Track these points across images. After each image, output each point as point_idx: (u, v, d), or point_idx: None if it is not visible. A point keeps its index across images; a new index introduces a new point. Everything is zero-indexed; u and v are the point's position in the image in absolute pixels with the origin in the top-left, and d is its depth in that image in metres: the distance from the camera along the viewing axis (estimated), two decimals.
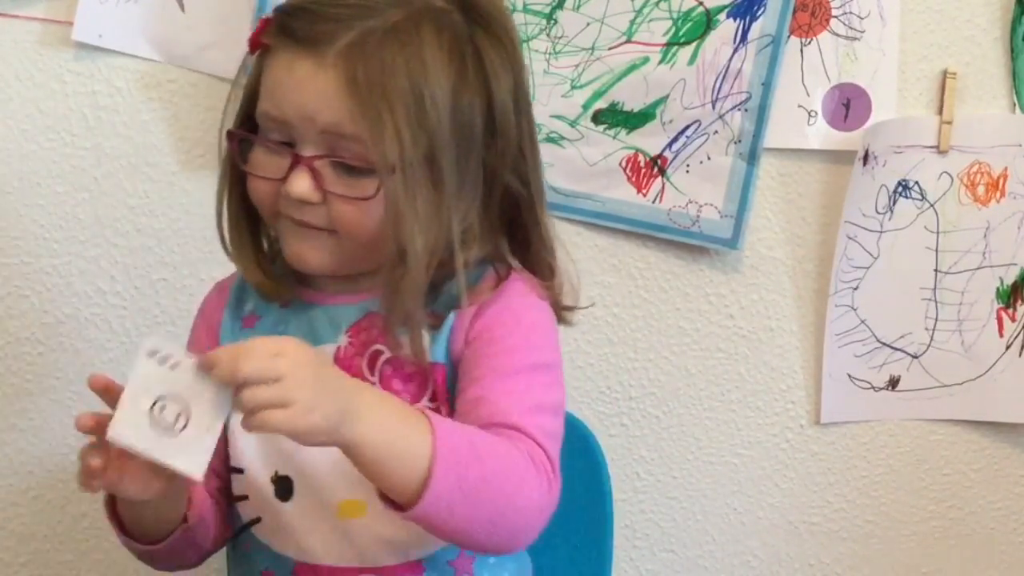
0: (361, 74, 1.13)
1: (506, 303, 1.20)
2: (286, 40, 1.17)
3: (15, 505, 1.71)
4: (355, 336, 1.22)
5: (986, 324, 1.76)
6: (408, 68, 1.14)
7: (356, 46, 1.14)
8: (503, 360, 1.17)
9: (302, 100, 1.15)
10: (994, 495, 1.83)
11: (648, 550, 1.80)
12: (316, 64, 1.14)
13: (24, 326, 1.67)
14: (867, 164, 1.69)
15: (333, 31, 1.15)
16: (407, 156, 1.13)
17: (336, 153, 1.15)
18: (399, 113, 1.13)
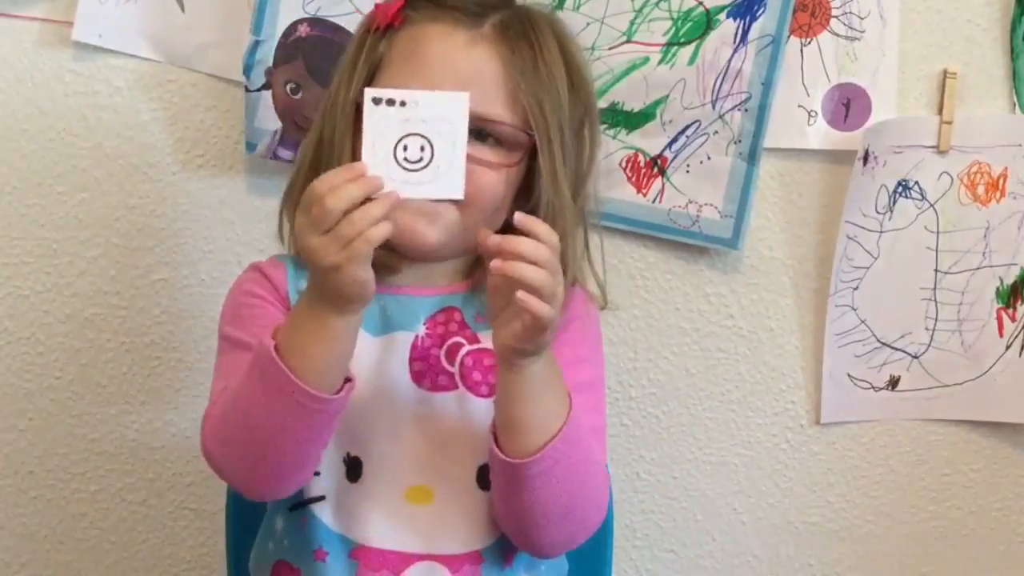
0: (513, 49, 1.22)
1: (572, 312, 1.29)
2: (438, 12, 1.23)
3: (15, 505, 1.71)
4: (432, 328, 1.26)
5: (986, 324, 1.76)
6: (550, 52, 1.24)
7: (511, 22, 1.24)
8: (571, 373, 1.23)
9: (458, 74, 1.20)
10: (994, 495, 1.83)
11: (648, 550, 1.80)
12: (471, 36, 1.22)
13: (24, 326, 1.67)
14: (867, 164, 1.69)
15: (482, 10, 1.24)
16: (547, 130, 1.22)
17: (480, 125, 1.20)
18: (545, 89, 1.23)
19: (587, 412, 1.23)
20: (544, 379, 1.15)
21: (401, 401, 1.24)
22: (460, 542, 1.24)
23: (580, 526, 1.22)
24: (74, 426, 1.70)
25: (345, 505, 1.24)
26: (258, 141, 1.60)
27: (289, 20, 1.59)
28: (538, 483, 1.15)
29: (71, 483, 1.72)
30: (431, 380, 1.25)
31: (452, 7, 1.23)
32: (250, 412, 1.13)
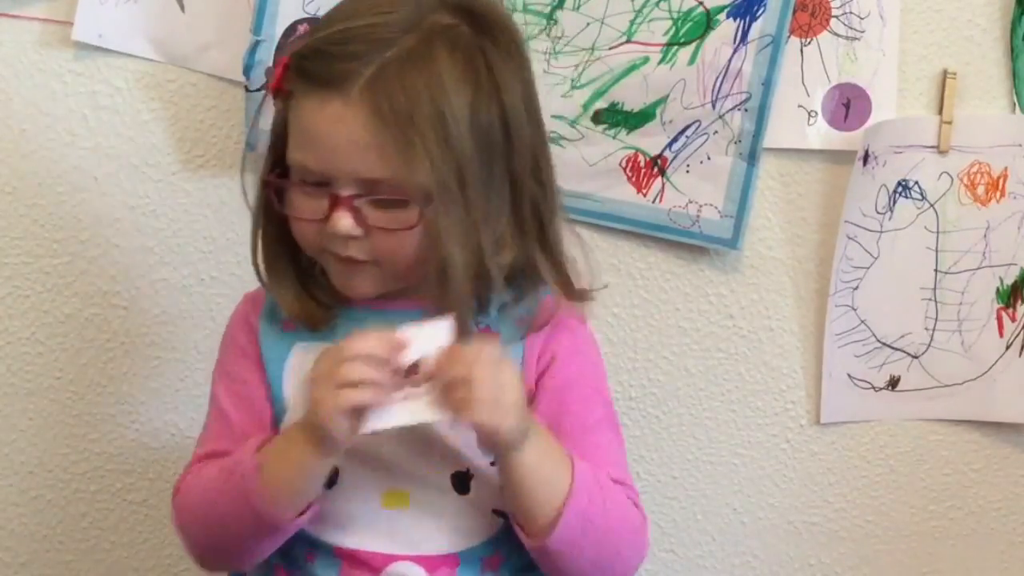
0: (387, 106, 1.15)
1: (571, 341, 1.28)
2: (310, 84, 1.19)
3: (15, 505, 1.71)
4: None
5: (986, 324, 1.76)
6: (430, 92, 1.16)
7: (378, 80, 1.16)
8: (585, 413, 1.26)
9: (334, 148, 1.17)
10: (994, 495, 1.83)
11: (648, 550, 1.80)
12: (343, 104, 1.16)
13: (24, 326, 1.67)
14: (867, 164, 1.69)
15: (354, 68, 1.16)
16: (441, 180, 1.16)
17: (373, 191, 1.18)
18: (429, 139, 1.15)
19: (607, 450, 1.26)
20: (534, 462, 1.17)
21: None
22: (436, 544, 1.25)
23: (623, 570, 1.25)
24: (74, 426, 1.70)
25: (326, 510, 1.24)
26: (258, 141, 1.60)
27: (289, 20, 1.59)
28: (567, 550, 1.19)
29: (71, 483, 1.72)
30: None
31: (318, 79, 1.18)
32: (216, 509, 1.22)
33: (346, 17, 1.21)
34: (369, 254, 1.20)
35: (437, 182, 1.16)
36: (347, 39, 1.18)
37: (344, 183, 1.18)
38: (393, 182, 1.17)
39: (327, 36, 1.20)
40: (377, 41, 1.17)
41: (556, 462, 1.19)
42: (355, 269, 1.22)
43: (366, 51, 1.17)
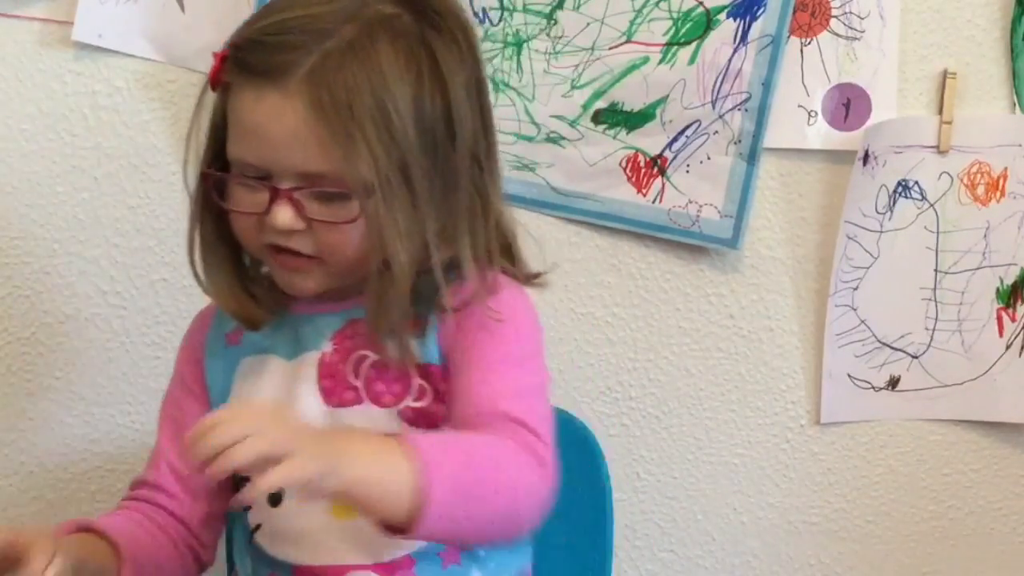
0: (327, 98, 1.13)
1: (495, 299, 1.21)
2: (247, 76, 1.16)
3: (15, 505, 1.71)
4: (339, 343, 1.23)
5: (986, 324, 1.76)
6: (371, 84, 1.13)
7: (317, 71, 1.13)
8: (489, 351, 1.19)
9: (273, 141, 1.14)
10: (994, 495, 1.83)
11: (648, 550, 1.80)
12: (282, 96, 1.13)
13: (24, 326, 1.67)
14: (867, 164, 1.69)
15: (292, 60, 1.14)
16: (383, 173, 1.13)
17: (314, 184, 1.15)
18: (369, 132, 1.13)
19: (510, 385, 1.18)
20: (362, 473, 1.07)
21: (312, 422, 1.21)
22: (390, 549, 1.21)
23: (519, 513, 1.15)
24: (74, 426, 1.70)
25: (276, 530, 1.23)
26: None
27: None
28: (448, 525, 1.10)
29: (71, 483, 1.72)
30: (338, 396, 1.22)
31: (256, 70, 1.15)
32: None
33: (285, 7, 1.18)
34: (311, 248, 1.18)
35: (378, 175, 1.13)
36: (285, 29, 1.15)
37: (284, 176, 1.16)
38: (333, 175, 1.14)
39: (265, 26, 1.17)
40: (316, 31, 1.15)
41: (393, 460, 1.07)
42: (297, 265, 1.19)
43: (305, 41, 1.14)
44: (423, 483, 1.07)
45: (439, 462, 1.09)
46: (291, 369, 1.25)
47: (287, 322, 1.26)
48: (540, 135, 1.68)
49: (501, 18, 1.66)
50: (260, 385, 1.26)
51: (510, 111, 1.67)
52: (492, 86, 1.65)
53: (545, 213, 1.70)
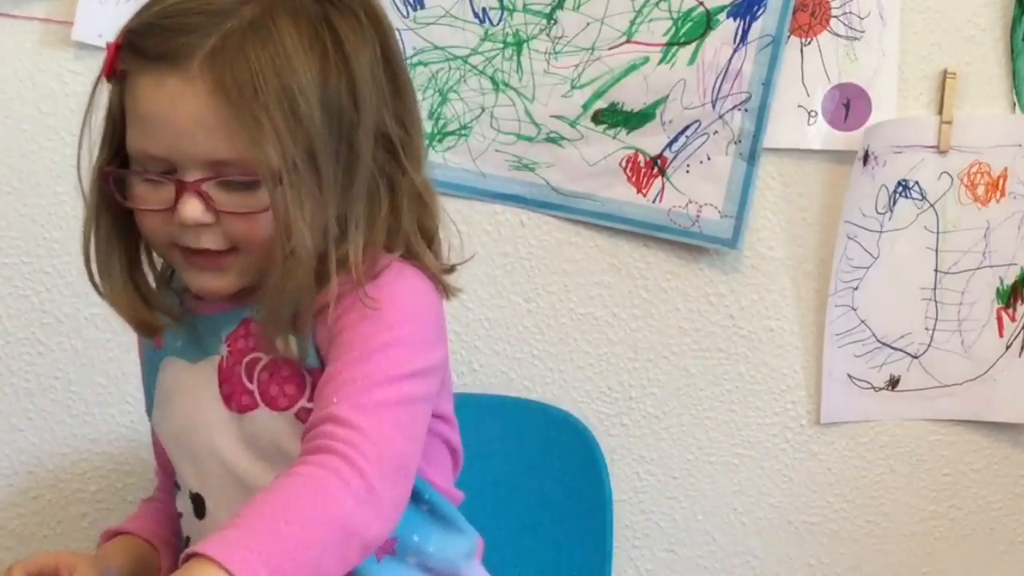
0: (230, 80, 1.08)
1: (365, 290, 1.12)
2: (144, 62, 1.11)
3: (15, 505, 1.71)
4: (233, 345, 1.19)
5: (986, 324, 1.76)
6: (275, 65, 1.09)
7: (218, 52, 1.08)
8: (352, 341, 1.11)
9: (176, 129, 1.09)
10: (994, 495, 1.83)
11: (648, 550, 1.80)
12: (182, 80, 1.09)
13: (24, 326, 1.67)
14: (867, 164, 1.69)
15: (192, 42, 1.09)
16: (290, 158, 1.08)
17: (221, 173, 1.10)
18: (275, 115, 1.08)
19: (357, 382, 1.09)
20: None
21: (218, 429, 1.18)
22: None
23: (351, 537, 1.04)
24: (74, 426, 1.70)
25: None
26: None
27: None
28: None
29: (71, 483, 1.72)
30: (237, 402, 1.18)
31: (154, 55, 1.10)
32: None
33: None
34: (223, 243, 1.13)
35: (285, 160, 1.08)
36: (182, 11, 1.11)
37: (189, 167, 1.10)
38: (241, 162, 1.09)
39: (160, 10, 1.12)
40: (215, 13, 1.10)
41: None
42: (209, 263, 1.14)
43: (204, 23, 1.09)
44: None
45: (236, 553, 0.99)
46: (196, 373, 1.21)
47: (192, 324, 1.22)
48: (540, 135, 1.68)
49: (501, 18, 1.66)
50: (172, 391, 1.23)
51: (510, 111, 1.67)
52: (492, 86, 1.66)
53: (545, 213, 1.71)
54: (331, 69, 1.11)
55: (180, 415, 1.22)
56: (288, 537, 1.00)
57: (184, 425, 1.21)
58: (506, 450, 1.61)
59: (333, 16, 1.13)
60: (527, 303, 1.72)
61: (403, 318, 1.13)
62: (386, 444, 1.06)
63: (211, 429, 1.19)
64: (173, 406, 1.23)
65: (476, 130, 1.68)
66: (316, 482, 1.03)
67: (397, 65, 1.17)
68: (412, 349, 1.12)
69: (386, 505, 1.06)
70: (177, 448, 1.23)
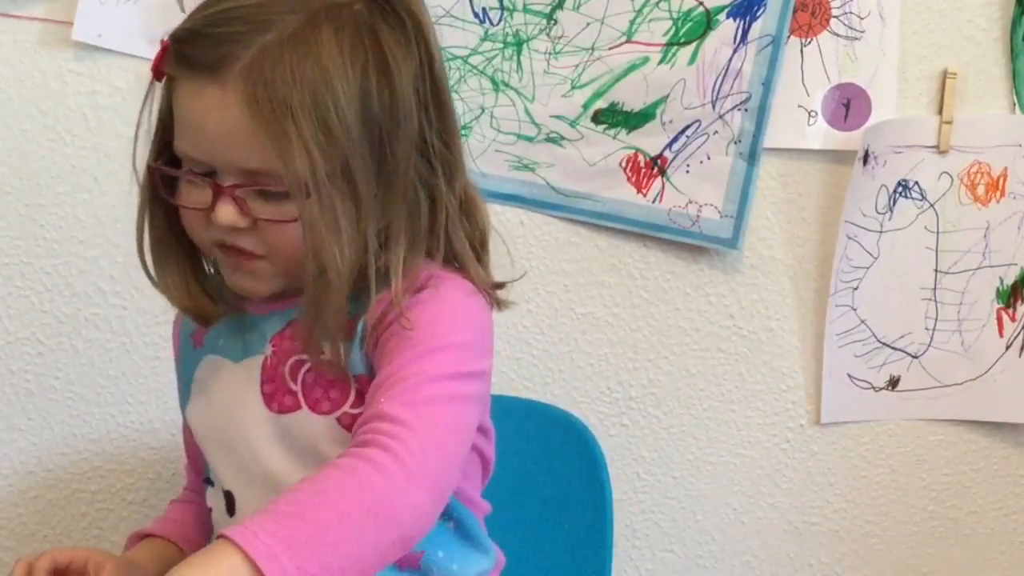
0: (263, 94, 1.08)
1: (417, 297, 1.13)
2: (186, 70, 1.12)
3: (15, 505, 1.71)
4: (278, 345, 1.20)
5: (986, 324, 1.76)
6: (310, 78, 1.08)
7: (255, 64, 1.09)
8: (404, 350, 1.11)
9: (212, 137, 1.11)
10: (994, 495, 1.83)
11: (648, 550, 1.80)
12: (219, 90, 1.09)
13: (24, 326, 1.67)
14: (867, 164, 1.69)
15: (232, 53, 1.09)
16: (319, 174, 1.08)
17: (256, 182, 1.12)
18: (305, 129, 1.08)
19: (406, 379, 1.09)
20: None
21: (256, 428, 1.19)
22: None
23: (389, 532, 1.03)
24: (74, 426, 1.70)
25: None
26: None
27: None
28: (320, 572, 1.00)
29: (71, 483, 1.72)
30: (279, 402, 1.19)
31: (195, 62, 1.11)
32: None
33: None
34: (258, 247, 1.14)
35: (314, 175, 1.08)
36: (227, 20, 1.11)
37: (226, 172, 1.12)
38: (272, 173, 1.10)
39: (206, 17, 1.13)
40: (258, 22, 1.10)
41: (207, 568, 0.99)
42: (244, 264, 1.16)
43: (245, 33, 1.09)
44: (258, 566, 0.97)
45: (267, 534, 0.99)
46: (238, 372, 1.22)
47: (237, 323, 1.23)
48: (540, 135, 1.68)
49: (501, 18, 1.66)
50: (211, 388, 1.24)
51: (510, 111, 1.67)
52: (492, 86, 1.66)
53: (545, 213, 1.71)
54: (372, 82, 1.11)
55: (219, 412, 1.23)
56: (315, 523, 0.99)
57: (222, 422, 1.22)
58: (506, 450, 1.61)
59: (380, 28, 1.12)
60: (527, 303, 1.72)
61: (455, 325, 1.13)
62: (431, 438, 1.06)
63: (249, 427, 1.19)
64: (213, 403, 1.24)
65: (476, 130, 1.68)
66: (351, 471, 1.02)
67: (441, 80, 1.17)
68: (463, 353, 1.12)
69: (425, 497, 1.04)
70: (213, 445, 1.24)
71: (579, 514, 1.58)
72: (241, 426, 1.20)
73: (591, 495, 1.58)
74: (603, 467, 1.59)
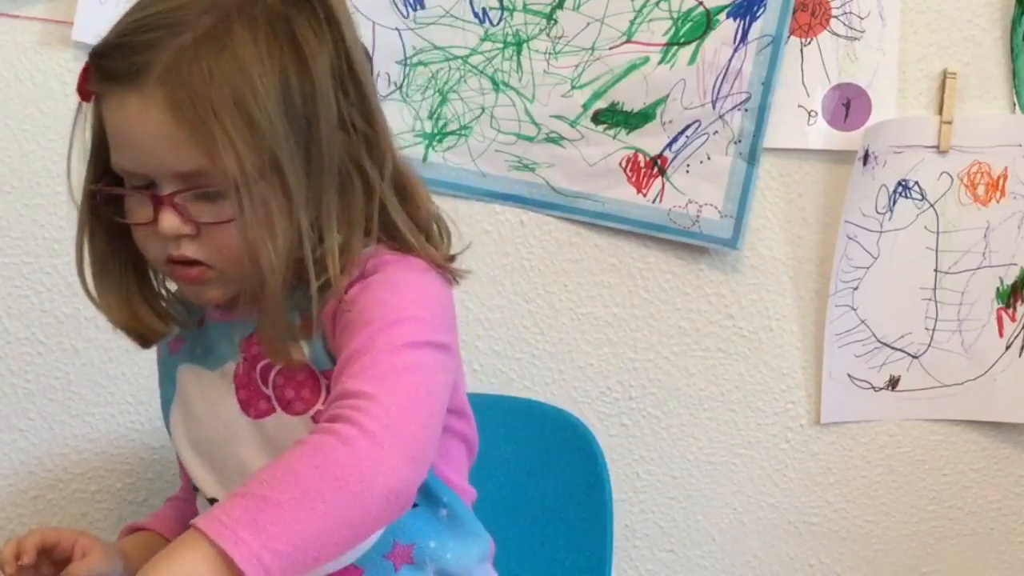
0: (183, 94, 1.08)
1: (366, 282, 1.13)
2: (108, 84, 1.12)
3: (15, 505, 1.71)
4: (247, 351, 1.20)
5: (986, 324, 1.76)
6: (228, 75, 1.08)
7: (172, 68, 1.09)
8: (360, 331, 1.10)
9: (140, 145, 1.10)
10: (994, 495, 1.83)
11: (648, 550, 1.80)
12: (140, 98, 1.09)
13: (24, 326, 1.67)
14: (867, 164, 1.69)
15: (148, 59, 1.09)
16: (248, 170, 1.08)
17: (194, 184, 1.11)
18: (229, 126, 1.08)
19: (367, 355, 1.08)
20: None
21: (237, 435, 1.19)
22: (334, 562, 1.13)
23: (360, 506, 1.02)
24: (74, 426, 1.70)
25: None
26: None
27: None
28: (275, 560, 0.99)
29: (71, 483, 1.72)
30: (255, 407, 1.19)
31: (114, 75, 1.11)
32: None
33: (144, 6, 1.13)
34: (204, 254, 1.13)
35: (242, 171, 1.08)
36: (141, 28, 1.11)
37: (163, 180, 1.11)
38: (207, 173, 1.10)
39: (122, 28, 1.12)
40: (172, 26, 1.10)
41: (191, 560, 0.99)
42: (193, 275, 1.15)
43: (160, 38, 1.09)
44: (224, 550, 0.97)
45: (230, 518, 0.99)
46: (214, 380, 1.22)
47: (206, 331, 1.23)
48: (540, 135, 1.68)
49: (501, 18, 1.66)
50: (190, 398, 1.24)
51: (510, 111, 1.67)
52: (492, 86, 1.66)
53: (545, 213, 1.71)
54: (291, 73, 1.10)
55: (201, 423, 1.23)
56: (281, 502, 0.99)
57: (205, 433, 1.22)
58: (506, 450, 1.61)
59: (292, 16, 1.12)
60: (527, 303, 1.72)
61: (409, 299, 1.12)
62: (397, 405, 1.04)
63: (231, 437, 1.20)
64: (194, 413, 1.24)
65: (476, 130, 1.68)
66: (317, 447, 1.01)
67: (359, 62, 1.16)
68: (419, 324, 1.11)
69: (398, 463, 1.02)
70: (195, 455, 1.24)
71: (579, 514, 1.57)
72: (224, 435, 1.20)
73: (591, 495, 1.58)
74: (603, 467, 1.59)
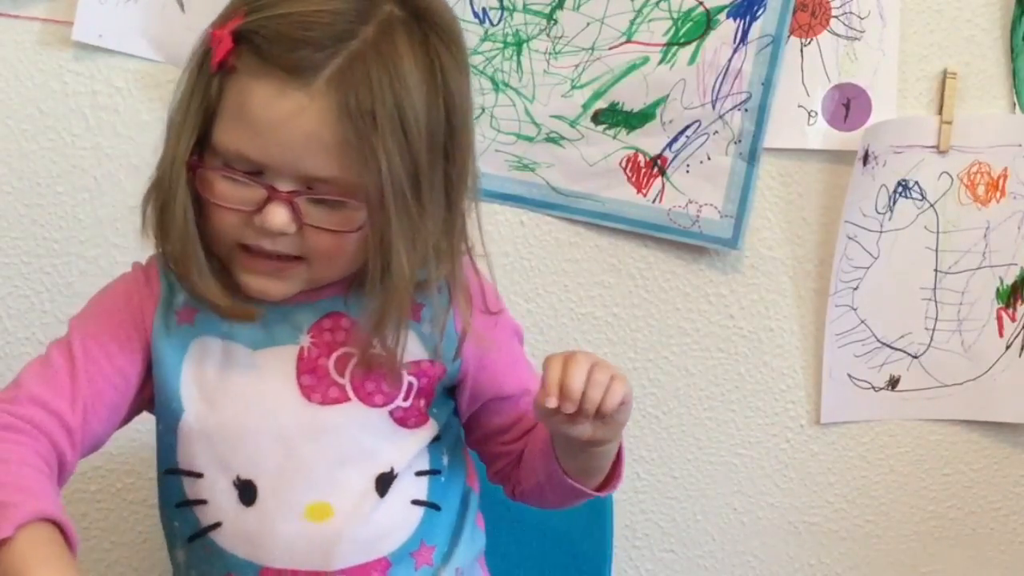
0: (353, 103, 1.08)
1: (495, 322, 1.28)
2: (265, 67, 1.09)
3: None
4: (317, 336, 1.19)
5: (986, 324, 1.76)
6: (393, 90, 1.09)
7: (345, 72, 1.08)
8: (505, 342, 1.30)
9: (285, 141, 1.09)
10: (994, 495, 1.83)
11: (648, 550, 1.80)
12: (306, 96, 1.08)
13: (24, 326, 1.67)
14: (867, 164, 1.69)
15: (318, 58, 1.08)
16: (397, 184, 1.09)
17: (315, 189, 1.11)
18: (389, 140, 1.09)
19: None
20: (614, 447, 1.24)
21: (289, 418, 1.19)
22: (364, 552, 1.19)
23: None
24: None
25: (243, 530, 1.19)
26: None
27: None
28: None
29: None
30: (321, 394, 1.19)
31: (279, 64, 1.08)
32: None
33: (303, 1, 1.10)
34: (296, 250, 1.13)
35: (393, 185, 1.09)
36: (308, 23, 1.09)
37: (284, 176, 1.11)
38: (343, 182, 1.10)
39: (284, 17, 1.10)
40: (339, 30, 1.09)
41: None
42: (273, 268, 1.15)
43: (329, 40, 1.08)
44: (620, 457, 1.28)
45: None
46: (259, 360, 1.20)
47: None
48: (540, 135, 1.68)
49: (501, 18, 1.66)
50: (224, 373, 1.20)
51: (510, 111, 1.67)
52: (492, 86, 1.66)
53: (545, 213, 1.71)
54: (434, 96, 1.12)
55: (235, 398, 1.19)
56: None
57: (238, 410, 1.19)
58: None
59: (437, 45, 1.13)
60: (527, 303, 1.72)
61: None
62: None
63: (280, 416, 1.18)
64: (226, 390, 1.20)
65: (476, 130, 1.67)
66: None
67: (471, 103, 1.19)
68: None
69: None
70: (221, 432, 1.20)
71: (579, 514, 1.57)
72: (272, 415, 1.19)
73: None
74: None
